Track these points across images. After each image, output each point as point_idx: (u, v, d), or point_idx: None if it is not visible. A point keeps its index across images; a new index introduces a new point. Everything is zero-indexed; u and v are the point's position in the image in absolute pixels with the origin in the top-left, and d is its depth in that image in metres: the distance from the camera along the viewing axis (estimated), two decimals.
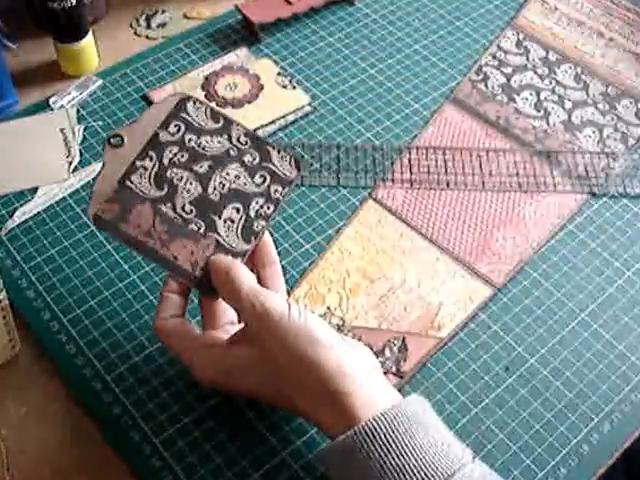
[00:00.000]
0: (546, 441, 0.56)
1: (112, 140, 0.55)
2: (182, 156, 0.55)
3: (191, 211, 0.54)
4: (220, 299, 0.53)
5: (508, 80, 0.82)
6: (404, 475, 0.44)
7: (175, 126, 0.56)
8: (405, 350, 0.60)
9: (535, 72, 0.82)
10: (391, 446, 0.45)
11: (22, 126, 0.75)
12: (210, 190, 0.54)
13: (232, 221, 0.54)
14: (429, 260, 0.66)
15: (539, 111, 0.78)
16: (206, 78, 0.80)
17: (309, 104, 0.78)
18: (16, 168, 0.72)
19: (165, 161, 0.55)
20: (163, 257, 0.53)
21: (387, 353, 0.60)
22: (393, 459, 0.45)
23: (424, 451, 0.45)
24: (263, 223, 0.55)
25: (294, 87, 0.79)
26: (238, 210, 0.55)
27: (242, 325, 0.55)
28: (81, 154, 0.73)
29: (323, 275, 0.64)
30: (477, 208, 0.69)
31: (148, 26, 0.87)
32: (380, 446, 0.45)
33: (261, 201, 0.55)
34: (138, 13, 0.88)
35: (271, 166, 0.56)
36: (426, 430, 0.47)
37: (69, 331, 0.61)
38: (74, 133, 0.74)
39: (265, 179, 0.56)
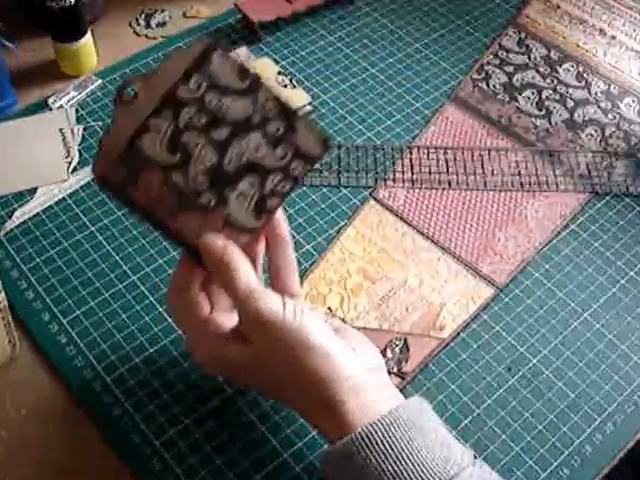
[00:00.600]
0: (549, 442, 0.56)
1: (124, 93, 0.48)
2: (200, 119, 0.48)
3: (203, 182, 0.49)
4: None
5: (510, 79, 0.81)
6: None
7: (196, 82, 0.48)
8: (407, 351, 0.60)
9: (537, 71, 0.82)
10: (388, 452, 0.45)
11: (21, 126, 0.75)
12: (226, 161, 0.49)
13: (245, 196, 0.50)
14: (431, 260, 0.65)
15: (541, 110, 0.78)
16: None
17: (309, 103, 0.78)
18: (15, 168, 0.72)
19: (181, 123, 0.48)
20: (169, 228, 0.49)
21: (389, 354, 0.59)
22: (390, 465, 0.44)
23: (422, 456, 0.45)
24: (277, 201, 0.51)
25: (294, 86, 0.79)
26: (253, 185, 0.50)
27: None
28: (80, 154, 0.73)
29: (324, 275, 0.64)
30: (479, 208, 0.69)
31: (147, 25, 0.87)
32: (377, 452, 0.45)
33: (279, 177, 0.50)
34: (137, 12, 0.88)
35: (296, 140, 0.51)
36: (424, 434, 0.46)
37: (69, 332, 0.60)
38: (73, 133, 0.74)
39: (287, 154, 0.50)
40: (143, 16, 0.88)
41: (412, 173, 0.71)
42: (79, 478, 0.54)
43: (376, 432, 0.45)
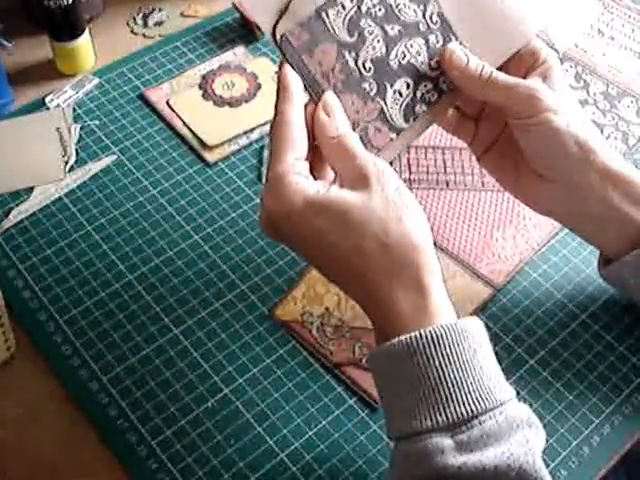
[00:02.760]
0: (546, 442, 0.55)
1: None
2: (379, 9, 0.52)
3: (369, 69, 0.52)
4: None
5: None
6: (460, 390, 0.43)
7: None
8: None
9: None
10: (454, 357, 0.44)
11: (18, 125, 0.75)
12: (392, 56, 0.53)
13: (400, 94, 0.53)
14: None
15: None
16: (203, 77, 0.79)
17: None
18: (12, 167, 0.71)
19: (363, 8, 0.52)
20: None
21: None
22: (452, 372, 0.44)
23: (483, 372, 0.44)
24: (424, 108, 0.54)
25: None
26: (408, 86, 0.53)
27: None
28: (77, 153, 0.72)
29: (321, 276, 0.64)
30: (477, 208, 0.69)
31: (145, 24, 0.86)
32: (443, 355, 0.44)
33: (430, 86, 0.54)
34: (135, 11, 0.88)
35: None
36: (486, 353, 0.46)
37: (65, 332, 0.60)
38: (70, 132, 0.74)
39: (439, 66, 0.54)
40: (140, 15, 0.87)
41: (410, 173, 0.71)
42: (74, 478, 0.54)
43: (448, 334, 0.44)
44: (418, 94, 0.54)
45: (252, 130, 0.75)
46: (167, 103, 0.77)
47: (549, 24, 0.57)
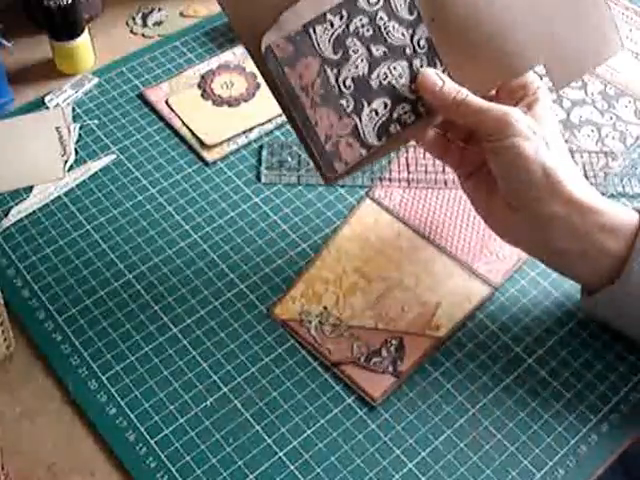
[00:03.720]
0: (544, 442, 0.56)
1: None
2: (367, 30, 0.54)
3: (349, 87, 0.54)
4: None
5: None
6: None
7: None
8: (402, 350, 0.60)
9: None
10: None
11: (17, 124, 0.75)
12: (374, 76, 0.54)
13: (376, 113, 0.55)
14: (426, 259, 0.65)
15: None
16: (202, 76, 0.80)
17: None
18: (11, 167, 0.71)
19: (351, 27, 0.53)
20: (306, 116, 0.53)
21: (384, 353, 0.59)
22: None
23: None
24: (399, 128, 0.55)
25: None
26: (386, 106, 0.55)
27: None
28: (76, 153, 0.73)
29: (320, 274, 0.64)
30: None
31: (144, 24, 0.87)
32: None
33: (407, 108, 0.55)
34: (134, 11, 0.88)
35: None
36: None
37: (64, 331, 0.60)
38: (69, 132, 0.74)
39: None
40: (140, 15, 0.88)
41: (408, 172, 0.71)
42: (73, 476, 0.54)
43: None
44: (394, 115, 0.55)
45: (251, 130, 0.75)
46: (166, 102, 0.77)
47: (547, 62, 0.57)
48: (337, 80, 0.53)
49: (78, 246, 0.66)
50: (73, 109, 0.76)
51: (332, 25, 0.53)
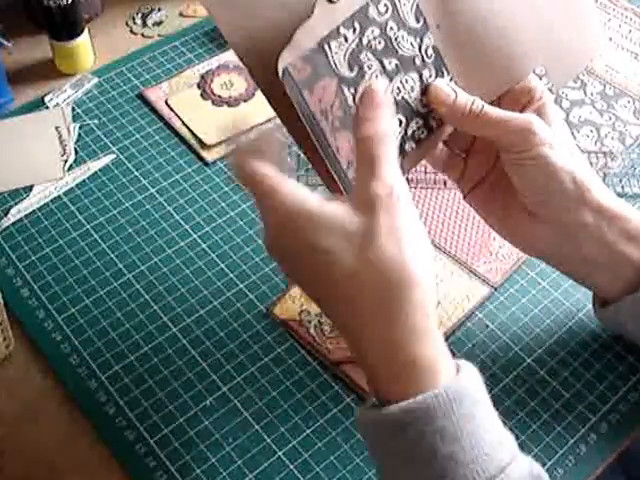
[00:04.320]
0: (543, 441, 0.56)
1: None
2: (379, 42, 0.50)
3: None
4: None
5: None
6: (455, 464, 0.40)
7: (384, 5, 0.50)
8: None
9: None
10: (447, 430, 0.40)
11: (17, 124, 0.75)
12: (388, 92, 0.50)
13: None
14: None
15: None
16: (202, 76, 0.80)
17: None
18: (11, 166, 0.71)
19: (364, 40, 0.49)
20: (327, 143, 0.48)
21: None
22: (446, 445, 0.40)
23: (479, 438, 0.41)
24: (413, 145, 0.52)
25: None
26: (401, 123, 0.51)
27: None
28: (76, 152, 0.73)
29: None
30: None
31: (144, 24, 0.87)
32: (434, 429, 0.40)
33: (420, 122, 0.52)
34: (134, 11, 0.88)
35: None
36: (483, 413, 0.42)
37: (64, 330, 0.60)
38: (69, 131, 0.74)
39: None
40: (140, 15, 0.88)
41: (408, 172, 0.71)
42: (73, 476, 0.54)
43: (439, 405, 0.40)
44: (409, 131, 0.52)
45: (250, 129, 0.75)
46: (166, 102, 0.77)
47: (546, 63, 0.57)
48: (355, 100, 0.49)
49: (78, 245, 0.66)
50: (73, 109, 0.76)
51: (346, 39, 0.48)
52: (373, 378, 0.44)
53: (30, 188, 0.70)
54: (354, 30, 0.49)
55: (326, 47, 0.47)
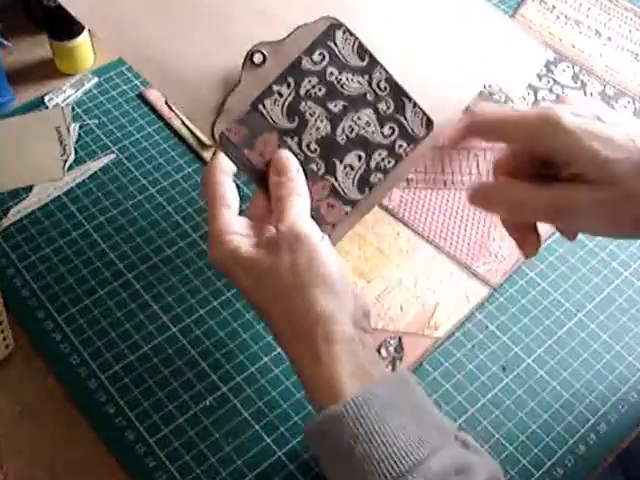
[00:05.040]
0: (543, 441, 0.56)
1: (254, 57, 0.50)
2: (319, 90, 0.52)
3: (315, 150, 0.52)
4: None
5: None
6: (371, 462, 0.43)
7: (320, 54, 0.52)
8: (401, 350, 0.60)
9: None
10: (359, 432, 0.43)
11: (17, 124, 0.75)
12: (338, 132, 0.52)
13: (352, 168, 0.53)
14: (426, 260, 0.65)
15: None
16: None
17: None
18: (11, 166, 0.71)
19: (302, 91, 0.51)
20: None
21: (383, 353, 0.59)
22: (360, 445, 0.43)
23: (394, 437, 0.43)
24: (380, 176, 0.54)
25: None
26: (360, 158, 0.53)
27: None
28: (76, 152, 0.73)
29: None
30: (474, 208, 0.69)
31: None
32: (349, 432, 0.44)
33: (384, 153, 0.54)
34: None
35: (402, 119, 0.54)
36: (401, 413, 0.45)
37: (64, 330, 0.60)
38: (69, 131, 0.74)
39: (394, 131, 0.54)
40: None
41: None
42: (73, 476, 0.54)
43: (349, 411, 0.44)
44: (372, 164, 0.53)
45: None
46: (166, 102, 0.77)
47: (496, 74, 0.57)
48: (300, 147, 0.51)
49: (77, 245, 0.66)
50: (73, 109, 0.76)
51: (281, 95, 0.51)
52: (305, 391, 0.49)
53: (30, 188, 0.70)
54: (288, 85, 0.51)
55: (260, 107, 0.51)
